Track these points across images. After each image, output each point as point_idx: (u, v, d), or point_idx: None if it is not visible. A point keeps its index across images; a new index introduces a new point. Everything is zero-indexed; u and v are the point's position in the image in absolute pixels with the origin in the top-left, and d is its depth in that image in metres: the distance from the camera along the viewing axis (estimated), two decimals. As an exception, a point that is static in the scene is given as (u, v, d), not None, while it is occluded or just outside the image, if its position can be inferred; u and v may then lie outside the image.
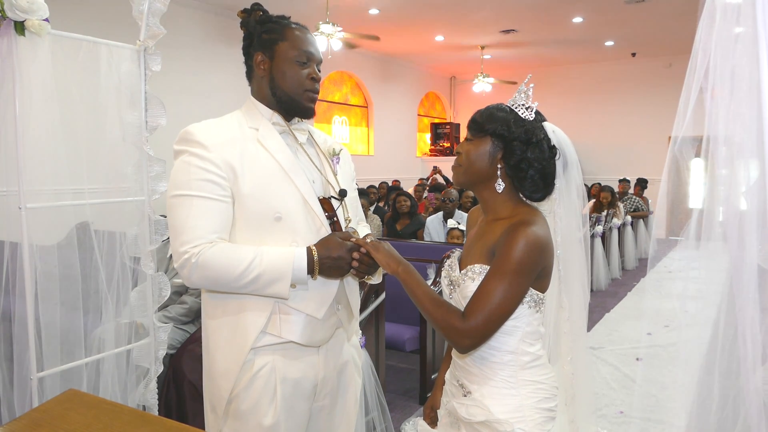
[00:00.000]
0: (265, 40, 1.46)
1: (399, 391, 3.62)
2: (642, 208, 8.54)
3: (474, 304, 1.26)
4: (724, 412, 1.37)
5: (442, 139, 12.99)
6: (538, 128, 1.33)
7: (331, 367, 1.51)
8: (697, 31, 1.27)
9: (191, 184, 1.35)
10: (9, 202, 1.91)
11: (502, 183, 1.34)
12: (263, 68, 1.47)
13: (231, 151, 1.38)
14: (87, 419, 1.16)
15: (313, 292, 1.42)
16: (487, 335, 1.27)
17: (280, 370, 1.40)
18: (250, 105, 1.51)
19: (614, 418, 3.17)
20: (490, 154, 1.34)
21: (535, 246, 1.24)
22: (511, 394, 1.30)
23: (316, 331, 1.45)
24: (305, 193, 1.42)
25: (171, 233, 1.37)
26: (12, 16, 1.78)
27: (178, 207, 1.35)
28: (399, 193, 5.86)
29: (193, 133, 1.39)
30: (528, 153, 1.31)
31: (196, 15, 7.53)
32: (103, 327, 2.21)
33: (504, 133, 1.32)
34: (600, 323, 5.10)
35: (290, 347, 1.42)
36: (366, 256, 1.39)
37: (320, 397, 1.51)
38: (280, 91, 1.46)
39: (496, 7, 7.95)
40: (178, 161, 1.40)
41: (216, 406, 1.43)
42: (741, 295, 1.25)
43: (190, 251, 1.32)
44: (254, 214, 1.38)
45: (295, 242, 1.40)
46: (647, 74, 11.32)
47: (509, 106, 1.36)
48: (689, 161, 1.39)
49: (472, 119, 1.38)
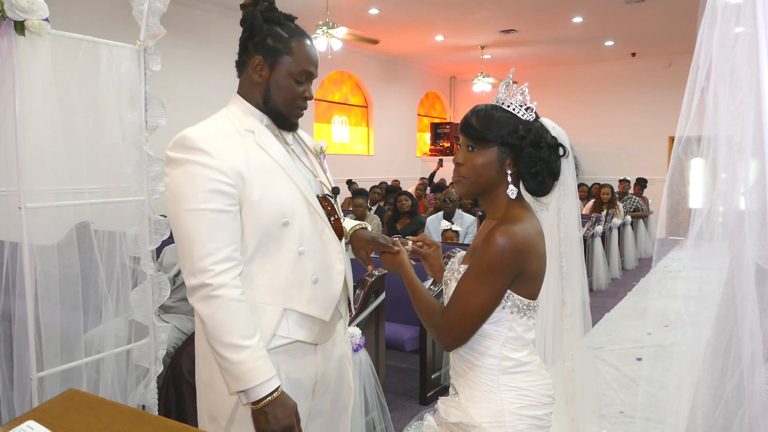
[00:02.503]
0: (269, 47, 1.39)
1: (399, 391, 3.62)
2: (642, 208, 8.53)
3: (450, 302, 1.29)
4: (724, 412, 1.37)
5: (442, 138, 12.99)
6: (543, 129, 1.31)
7: (327, 363, 1.51)
8: (699, 31, 1.28)
9: (199, 197, 1.27)
10: (9, 202, 1.91)
11: (515, 189, 1.31)
12: (261, 74, 1.41)
13: (236, 156, 1.32)
14: (87, 419, 1.16)
15: (321, 296, 1.42)
16: (465, 333, 1.27)
17: (284, 371, 1.39)
18: (240, 105, 1.44)
19: (614, 418, 3.17)
20: (498, 162, 1.30)
21: (511, 246, 1.21)
22: (491, 398, 1.29)
23: (324, 329, 1.46)
24: (307, 194, 1.41)
25: (182, 250, 1.29)
26: (12, 16, 1.78)
27: (188, 222, 1.27)
28: (400, 193, 5.86)
29: (192, 140, 1.30)
30: (541, 156, 1.29)
31: (196, 15, 7.53)
32: (103, 327, 2.21)
33: (514, 142, 1.28)
34: (600, 323, 5.10)
35: (293, 347, 1.41)
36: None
37: (318, 395, 1.51)
38: (272, 103, 1.42)
39: (496, 7, 7.95)
40: (180, 171, 1.30)
41: (218, 416, 1.39)
42: (741, 295, 1.24)
43: (211, 270, 1.26)
44: (262, 221, 1.33)
45: (302, 246, 1.38)
46: (647, 74, 11.32)
47: (505, 106, 1.32)
48: (692, 161, 1.39)
49: (468, 124, 1.31)
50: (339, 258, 1.47)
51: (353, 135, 11.39)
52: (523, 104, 1.31)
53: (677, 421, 1.43)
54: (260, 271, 1.36)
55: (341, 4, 7.55)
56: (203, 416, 1.45)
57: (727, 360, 1.38)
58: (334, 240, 1.46)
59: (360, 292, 2.85)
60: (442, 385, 3.54)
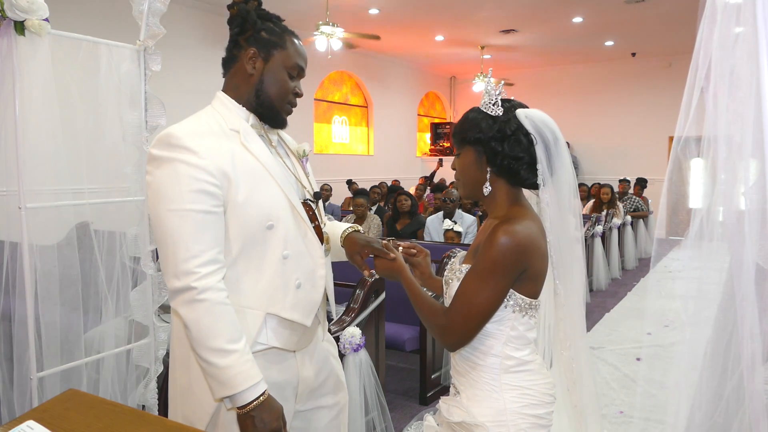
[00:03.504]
0: (264, 40, 1.39)
1: (399, 391, 3.62)
2: (642, 208, 8.53)
3: (453, 302, 1.29)
4: (724, 412, 1.37)
5: (442, 139, 12.99)
6: (510, 120, 1.30)
7: (310, 366, 1.49)
8: (699, 31, 1.28)
9: (184, 197, 1.23)
10: (9, 202, 1.92)
11: (489, 186, 1.34)
12: (255, 66, 1.39)
13: (222, 156, 1.28)
14: (87, 419, 1.16)
15: (303, 301, 1.40)
16: (470, 333, 1.27)
17: (264, 376, 1.34)
18: (225, 103, 1.40)
19: (614, 418, 3.17)
20: (476, 162, 1.34)
21: (514, 245, 1.23)
22: (493, 397, 1.29)
23: (304, 336, 1.45)
24: (291, 198, 1.38)
25: (164, 250, 1.25)
26: (12, 16, 1.78)
27: (172, 222, 1.24)
28: (400, 193, 5.86)
29: (179, 138, 1.27)
30: (506, 149, 1.29)
31: (196, 15, 7.53)
32: (103, 327, 2.21)
33: (480, 137, 1.31)
34: (600, 323, 5.10)
35: (271, 353, 1.39)
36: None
37: (301, 400, 1.48)
38: (265, 96, 1.40)
39: (496, 7, 7.95)
40: (164, 170, 1.26)
41: (196, 422, 1.35)
42: (741, 295, 1.25)
43: (196, 272, 1.23)
44: (247, 223, 1.31)
45: (286, 250, 1.36)
46: (647, 74, 11.32)
47: (480, 107, 1.35)
48: (692, 161, 1.39)
49: (452, 133, 1.39)
50: (321, 263, 1.45)
51: (353, 135, 11.39)
52: (490, 102, 1.33)
53: (677, 421, 1.43)
54: (244, 274, 1.33)
55: (341, 4, 7.55)
56: (176, 420, 1.40)
57: (726, 360, 1.38)
58: (317, 245, 1.44)
59: (360, 292, 2.85)
60: (442, 385, 3.54)
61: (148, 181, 1.30)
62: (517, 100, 1.37)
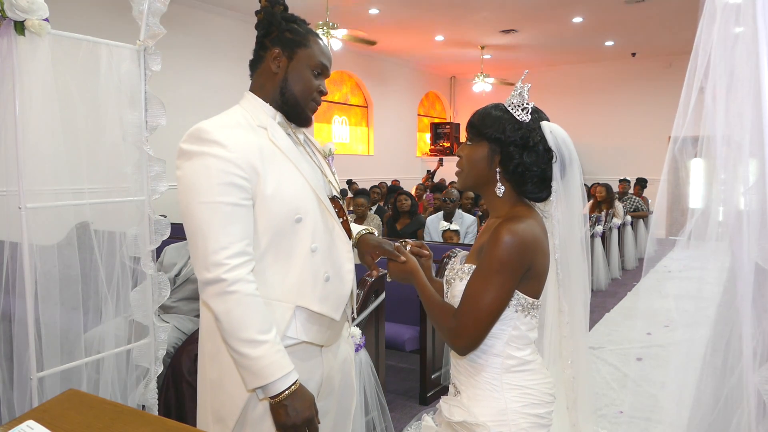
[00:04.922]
0: (288, 39, 1.42)
1: (399, 391, 3.62)
2: (642, 208, 8.53)
3: (462, 304, 1.28)
4: (723, 412, 1.37)
5: (442, 139, 12.99)
6: (535, 130, 1.30)
7: (332, 365, 1.51)
8: (698, 31, 1.28)
9: (214, 189, 1.26)
10: (9, 202, 1.91)
11: (502, 187, 1.33)
12: (279, 65, 1.42)
13: (251, 150, 1.31)
14: (87, 419, 1.16)
15: (333, 294, 1.41)
16: (480, 334, 1.27)
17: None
18: (252, 102, 1.44)
19: (614, 418, 3.17)
20: (488, 158, 1.33)
21: (518, 244, 1.23)
22: (494, 397, 1.29)
23: (332, 331, 1.46)
24: (319, 192, 1.41)
25: (194, 243, 1.27)
26: (12, 16, 1.78)
27: (203, 215, 1.26)
28: (400, 192, 5.86)
29: (209, 132, 1.30)
30: (524, 157, 1.29)
31: (196, 15, 7.53)
32: (103, 327, 2.21)
33: (500, 137, 1.30)
34: (600, 323, 5.10)
35: (299, 348, 1.39)
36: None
37: (322, 397, 1.50)
38: (290, 93, 1.43)
39: (496, 7, 7.95)
40: (193, 163, 1.29)
41: (225, 417, 1.36)
42: (741, 295, 1.25)
43: (226, 264, 1.24)
44: (276, 216, 1.33)
45: (314, 243, 1.37)
46: (647, 74, 11.31)
47: (506, 106, 1.34)
48: (689, 161, 1.39)
49: (470, 121, 1.37)
50: (349, 257, 1.47)
51: (353, 135, 11.39)
52: (520, 105, 1.32)
53: (676, 421, 1.43)
54: (272, 267, 1.35)
55: (341, 4, 7.55)
56: (207, 416, 1.42)
57: (726, 359, 1.38)
58: (345, 239, 1.46)
59: (360, 292, 2.85)
60: (442, 385, 3.54)
61: (179, 176, 1.33)
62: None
